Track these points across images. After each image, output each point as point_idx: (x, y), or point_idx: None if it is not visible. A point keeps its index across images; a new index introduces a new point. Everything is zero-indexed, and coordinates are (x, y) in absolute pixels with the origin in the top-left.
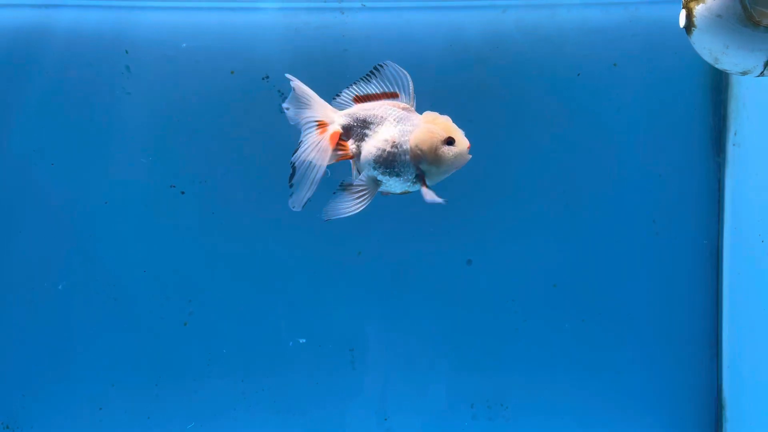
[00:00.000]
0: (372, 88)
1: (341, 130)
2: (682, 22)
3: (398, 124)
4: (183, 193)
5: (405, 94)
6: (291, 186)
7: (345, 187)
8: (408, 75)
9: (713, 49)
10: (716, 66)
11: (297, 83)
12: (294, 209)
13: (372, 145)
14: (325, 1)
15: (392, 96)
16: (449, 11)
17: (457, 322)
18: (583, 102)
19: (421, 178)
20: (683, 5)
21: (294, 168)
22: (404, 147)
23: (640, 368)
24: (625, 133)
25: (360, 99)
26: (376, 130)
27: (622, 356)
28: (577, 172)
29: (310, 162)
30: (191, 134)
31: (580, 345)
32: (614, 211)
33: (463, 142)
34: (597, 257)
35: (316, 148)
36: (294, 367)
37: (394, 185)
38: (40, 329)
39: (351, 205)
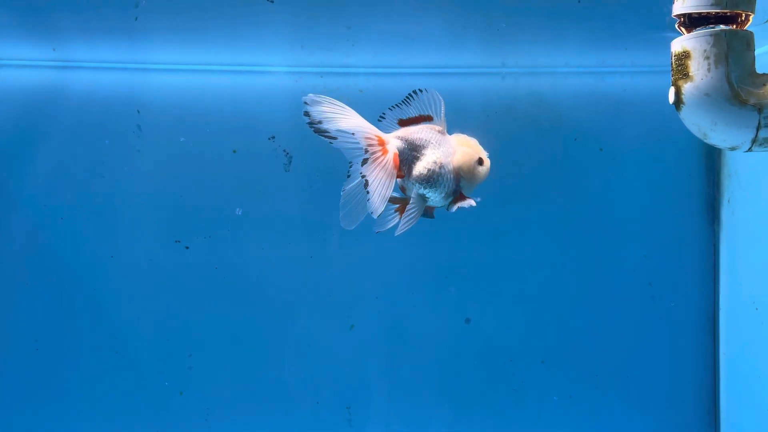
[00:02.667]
0: (412, 111)
1: (397, 152)
2: (671, 98)
3: (440, 147)
4: (188, 248)
5: (438, 117)
6: (368, 193)
7: (396, 203)
8: (442, 99)
9: (702, 125)
10: (705, 141)
11: (324, 98)
12: (374, 215)
13: (423, 167)
14: (330, 66)
15: (428, 119)
16: (449, 77)
17: (455, 380)
18: (581, 167)
19: (458, 192)
20: (672, 83)
21: (367, 181)
22: (449, 167)
23: (638, 430)
24: (622, 198)
25: (403, 122)
26: (423, 152)
27: (621, 420)
28: (574, 237)
29: (382, 180)
30: (198, 191)
31: (579, 406)
32: (611, 275)
33: (487, 162)
34: (595, 321)
35: (385, 168)
36: (291, 424)
37: (436, 200)
38: (42, 379)
39: (405, 222)
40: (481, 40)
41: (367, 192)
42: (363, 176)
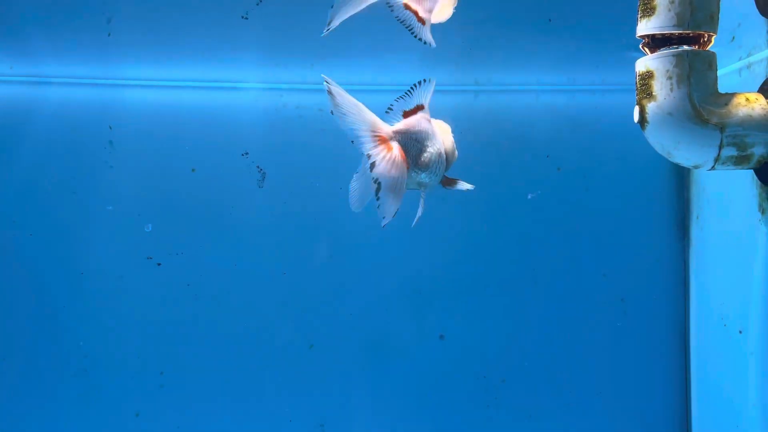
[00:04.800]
0: (414, 101)
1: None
2: (636, 117)
3: (434, 135)
4: (159, 264)
5: (426, 104)
6: (378, 199)
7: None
8: (433, 85)
9: (665, 144)
10: (670, 159)
11: (336, 89)
12: (384, 221)
13: (427, 157)
14: (303, 83)
15: (421, 108)
16: None
17: (429, 397)
18: (552, 184)
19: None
20: (637, 102)
21: (379, 183)
22: (444, 155)
23: None
24: (592, 214)
25: (407, 114)
26: (425, 143)
27: None
28: (545, 254)
29: (394, 176)
30: (169, 207)
31: (551, 422)
32: (582, 291)
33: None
34: (567, 337)
35: (393, 163)
36: None
37: (433, 184)
38: (7, 397)
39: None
40: (454, 58)
41: (378, 198)
42: (376, 181)
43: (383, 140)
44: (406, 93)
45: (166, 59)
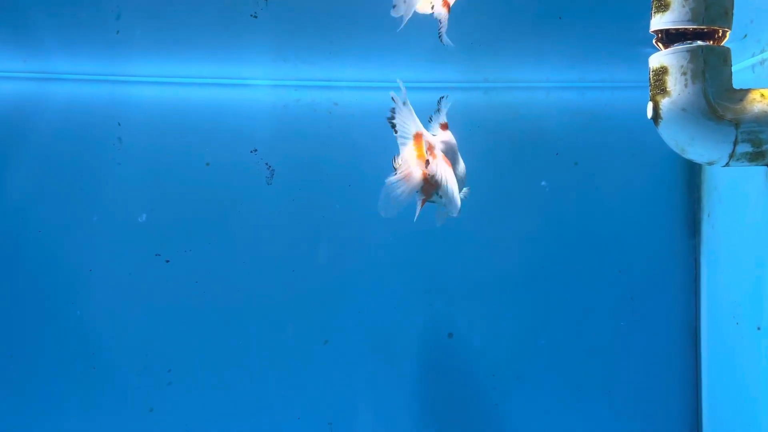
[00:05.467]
0: (441, 117)
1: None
2: (649, 113)
3: (457, 158)
4: (168, 261)
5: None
6: (441, 197)
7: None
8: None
9: (679, 140)
10: (683, 156)
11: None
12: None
13: (461, 171)
14: (313, 80)
15: (445, 126)
16: (432, 91)
17: (438, 395)
18: (561, 182)
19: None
20: (650, 98)
21: (437, 183)
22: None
23: None
24: (603, 212)
25: (444, 126)
26: (457, 158)
27: None
28: (555, 251)
29: (449, 174)
30: (178, 204)
31: (561, 420)
32: (592, 289)
33: None
34: (576, 333)
35: (445, 165)
36: None
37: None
38: (17, 393)
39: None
40: (463, 55)
41: (440, 196)
42: (432, 181)
43: (431, 148)
44: (439, 108)
45: (174, 56)
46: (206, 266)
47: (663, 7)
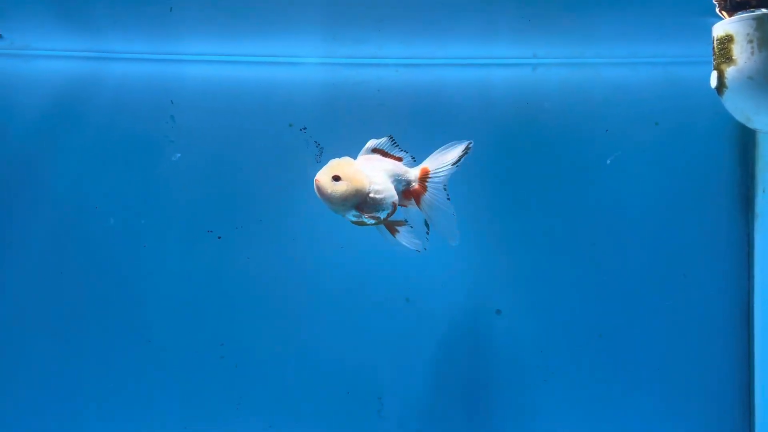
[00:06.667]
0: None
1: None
2: (713, 83)
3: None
4: (220, 238)
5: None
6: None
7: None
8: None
9: (745, 109)
10: (748, 125)
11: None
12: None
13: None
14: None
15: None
16: (480, 68)
17: (486, 371)
18: (611, 158)
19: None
20: (714, 67)
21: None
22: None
23: (671, 425)
24: (656, 189)
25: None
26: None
27: (652, 411)
28: (608, 227)
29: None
30: (230, 182)
31: (610, 398)
32: (644, 266)
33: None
34: (628, 311)
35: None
36: (322, 413)
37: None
38: (74, 367)
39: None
40: (511, 31)
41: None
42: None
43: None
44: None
45: (226, 34)
46: (257, 242)
47: None
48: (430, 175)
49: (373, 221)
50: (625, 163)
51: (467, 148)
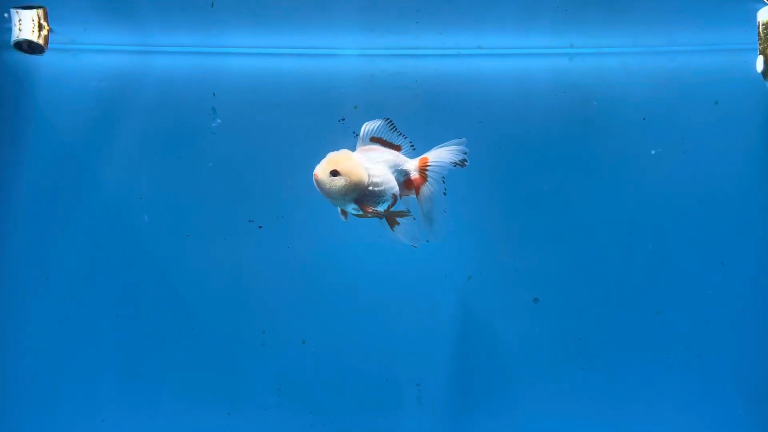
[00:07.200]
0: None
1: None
2: (759, 67)
3: None
4: (261, 227)
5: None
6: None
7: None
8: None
9: None
10: None
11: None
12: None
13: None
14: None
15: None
16: (517, 58)
17: (524, 358)
18: (649, 146)
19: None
20: (760, 51)
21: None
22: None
23: (710, 414)
24: (691, 177)
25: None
26: None
27: (690, 400)
28: (643, 214)
29: None
30: (270, 172)
31: (648, 384)
32: (681, 252)
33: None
34: (664, 298)
35: None
36: (361, 399)
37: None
38: (121, 353)
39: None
40: (549, 21)
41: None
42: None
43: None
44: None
45: (266, 27)
46: (297, 232)
47: None
48: (429, 165)
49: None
50: (660, 153)
51: (464, 156)
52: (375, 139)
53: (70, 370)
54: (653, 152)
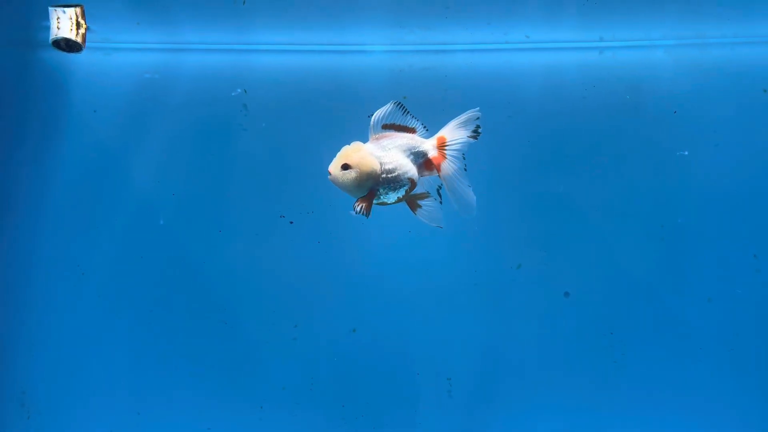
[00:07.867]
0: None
1: None
2: None
3: None
4: (292, 223)
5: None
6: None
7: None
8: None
9: None
10: None
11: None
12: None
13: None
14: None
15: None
16: (547, 52)
17: (555, 352)
18: (680, 139)
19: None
20: None
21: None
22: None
23: (741, 407)
24: (722, 170)
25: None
26: None
27: (722, 393)
28: (674, 207)
29: None
30: (301, 168)
31: (680, 379)
32: (713, 245)
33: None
34: (697, 293)
35: None
36: (392, 394)
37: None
38: (153, 348)
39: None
40: (578, 15)
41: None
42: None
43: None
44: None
45: (295, 24)
46: (328, 227)
47: None
48: (447, 144)
49: (394, 200)
50: (690, 147)
51: (476, 124)
52: (387, 126)
53: (107, 364)
54: (685, 153)
